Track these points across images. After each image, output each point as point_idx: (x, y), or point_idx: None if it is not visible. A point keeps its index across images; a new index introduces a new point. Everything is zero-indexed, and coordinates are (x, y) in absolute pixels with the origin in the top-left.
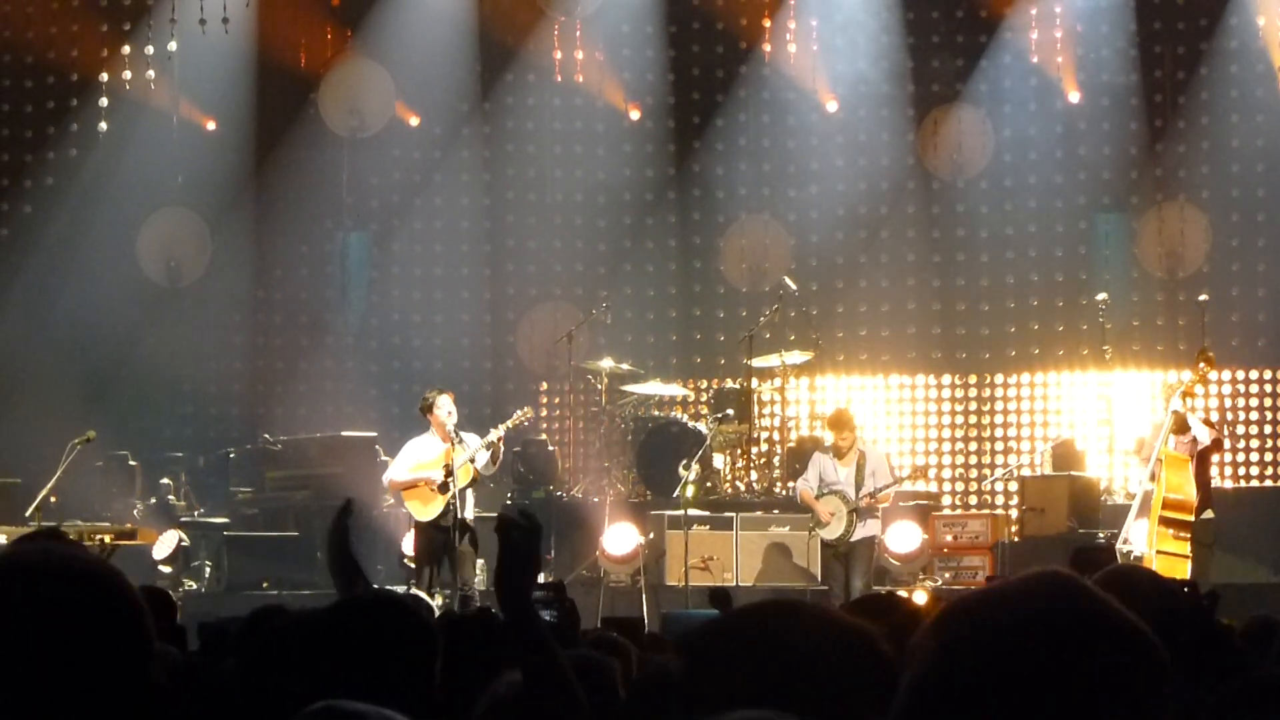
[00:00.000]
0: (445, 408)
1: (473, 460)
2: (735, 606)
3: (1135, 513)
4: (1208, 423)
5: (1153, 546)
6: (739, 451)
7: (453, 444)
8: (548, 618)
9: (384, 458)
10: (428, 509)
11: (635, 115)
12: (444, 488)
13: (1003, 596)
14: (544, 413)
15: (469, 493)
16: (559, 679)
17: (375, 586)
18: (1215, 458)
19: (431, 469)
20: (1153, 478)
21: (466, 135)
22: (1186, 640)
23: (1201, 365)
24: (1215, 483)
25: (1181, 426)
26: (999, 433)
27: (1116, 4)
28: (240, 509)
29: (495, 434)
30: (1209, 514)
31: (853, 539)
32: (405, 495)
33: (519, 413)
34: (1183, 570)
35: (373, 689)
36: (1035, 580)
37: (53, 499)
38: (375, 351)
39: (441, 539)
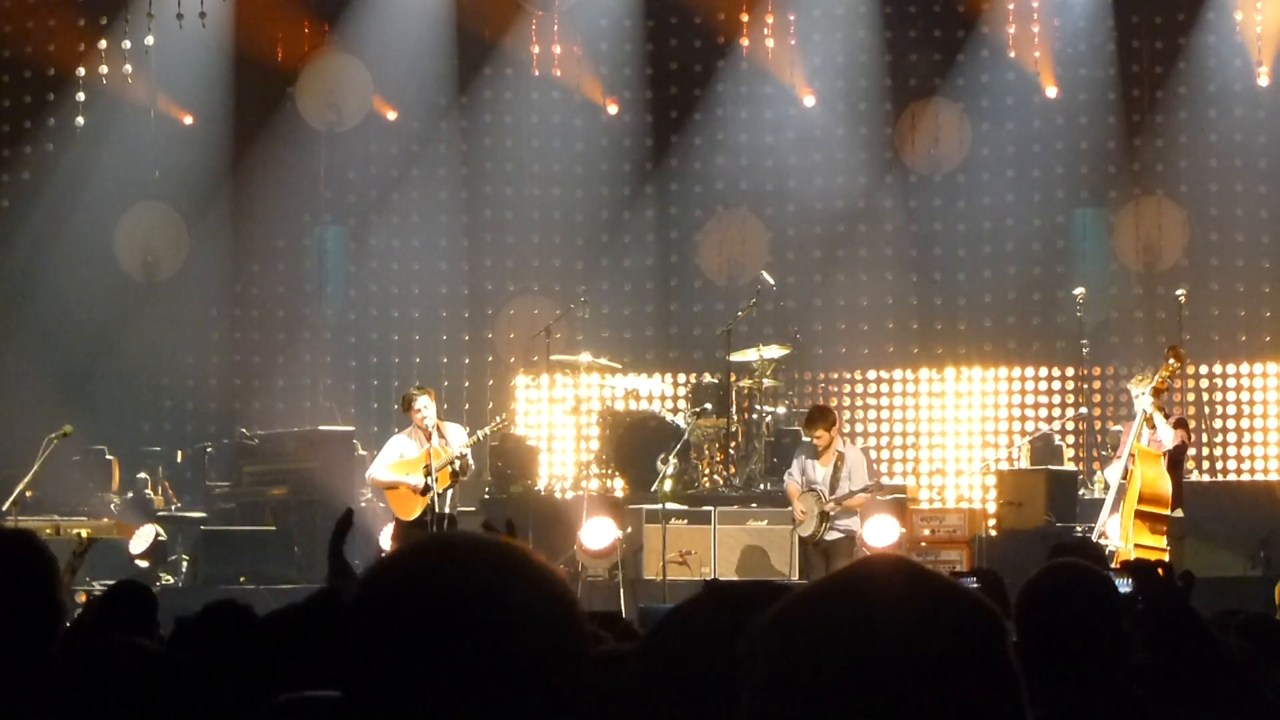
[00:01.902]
0: (423, 409)
1: (451, 464)
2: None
3: (1109, 507)
4: (1180, 424)
5: (1129, 541)
6: (717, 446)
7: (431, 446)
8: None
9: (361, 452)
10: (409, 510)
11: (613, 109)
12: (425, 489)
13: (828, 590)
14: (522, 407)
15: (450, 489)
16: None
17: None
18: (1191, 451)
19: (413, 469)
20: (1126, 473)
21: (444, 129)
22: (1160, 622)
23: (1171, 362)
24: (1193, 475)
25: (1149, 425)
26: (976, 426)
27: None
28: (217, 503)
29: (470, 440)
30: (1179, 512)
31: (826, 539)
32: (388, 495)
33: (497, 420)
34: None
35: (330, 681)
36: (860, 569)
37: (29, 493)
38: (353, 346)
39: (420, 531)
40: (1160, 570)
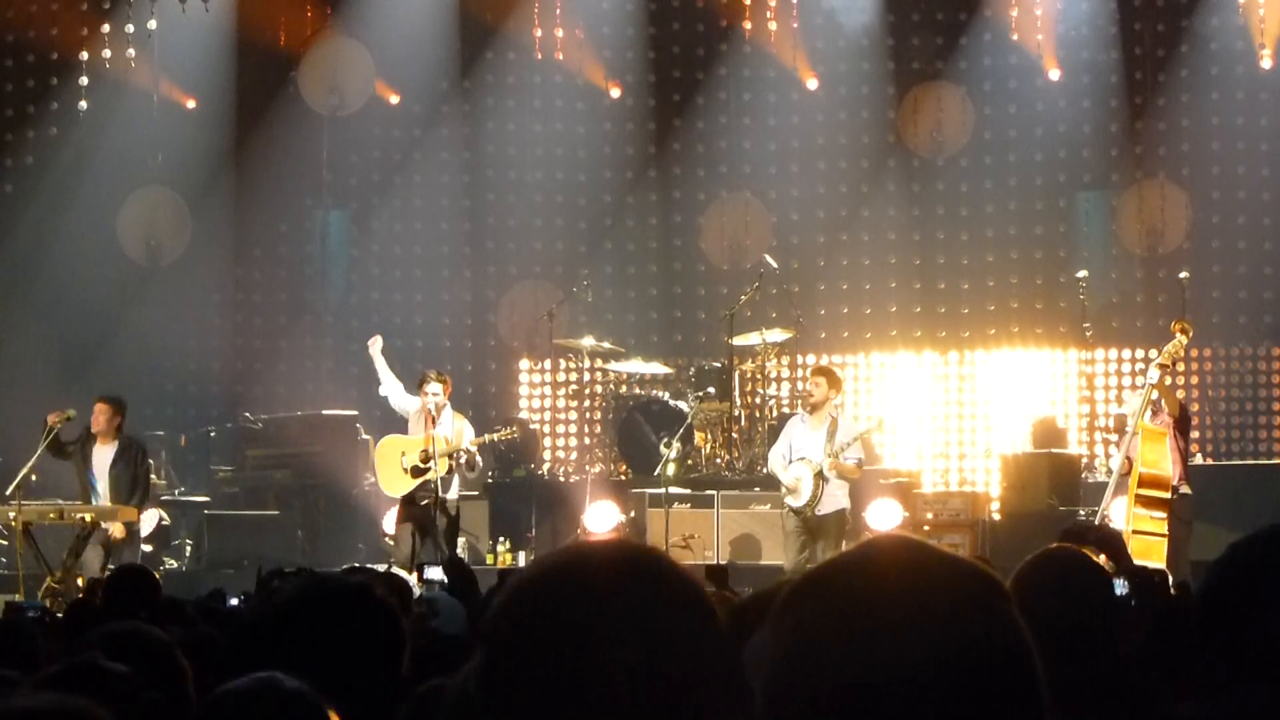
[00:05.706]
0: (431, 394)
1: (450, 455)
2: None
3: (1113, 489)
4: (1182, 407)
5: (1129, 526)
6: (720, 429)
7: (432, 435)
8: None
9: (364, 436)
10: (393, 485)
11: (616, 93)
12: (416, 471)
13: (833, 574)
14: (525, 391)
15: (453, 476)
16: None
17: (356, 565)
18: (1194, 435)
19: (409, 449)
20: (1128, 454)
21: (446, 113)
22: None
23: (1179, 336)
24: (1196, 459)
25: (1160, 393)
26: (980, 410)
27: None
28: (220, 487)
29: (478, 440)
30: (1186, 489)
31: (819, 511)
32: (376, 467)
33: (505, 429)
34: (1159, 552)
35: (335, 677)
36: (864, 550)
37: (33, 477)
38: (355, 330)
39: (422, 514)
40: (1156, 577)
